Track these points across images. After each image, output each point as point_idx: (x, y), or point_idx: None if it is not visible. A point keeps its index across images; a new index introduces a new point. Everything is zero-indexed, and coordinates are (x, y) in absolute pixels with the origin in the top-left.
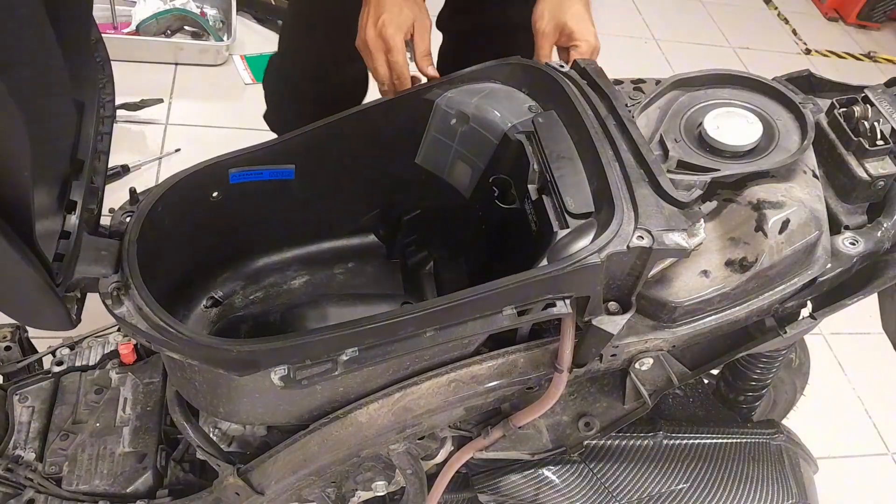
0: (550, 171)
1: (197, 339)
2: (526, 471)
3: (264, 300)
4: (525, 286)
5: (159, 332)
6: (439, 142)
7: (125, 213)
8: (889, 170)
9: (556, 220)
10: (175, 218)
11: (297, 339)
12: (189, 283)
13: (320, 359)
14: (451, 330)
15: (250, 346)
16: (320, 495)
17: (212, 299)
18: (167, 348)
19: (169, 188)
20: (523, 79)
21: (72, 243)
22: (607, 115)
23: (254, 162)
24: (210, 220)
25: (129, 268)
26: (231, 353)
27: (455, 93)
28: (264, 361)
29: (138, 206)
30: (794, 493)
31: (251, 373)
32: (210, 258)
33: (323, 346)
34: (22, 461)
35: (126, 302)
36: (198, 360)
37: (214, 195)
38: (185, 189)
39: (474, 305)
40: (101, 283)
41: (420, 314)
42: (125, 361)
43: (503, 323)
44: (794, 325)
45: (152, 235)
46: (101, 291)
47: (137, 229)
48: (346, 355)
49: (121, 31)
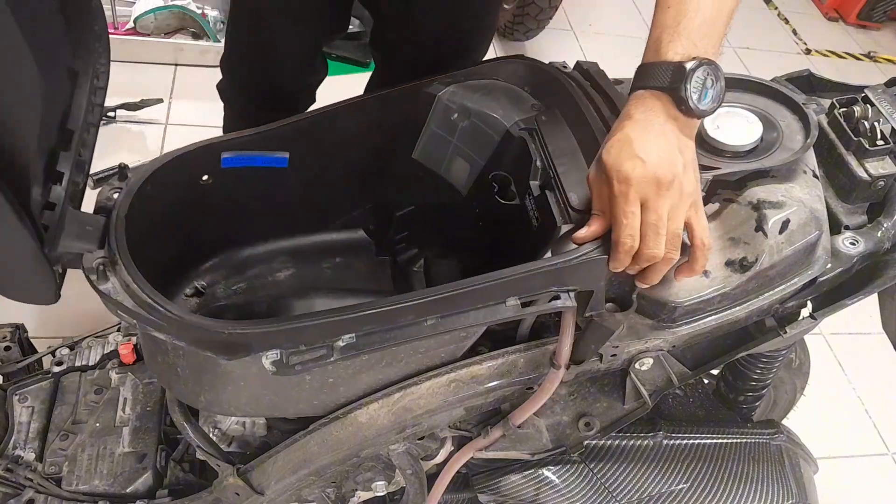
0: (554, 167)
1: (186, 319)
2: (526, 471)
3: (247, 291)
4: (530, 277)
5: (146, 310)
6: (439, 137)
7: (113, 189)
8: (889, 170)
9: (560, 215)
10: (163, 198)
11: (293, 322)
12: (171, 270)
13: (315, 344)
14: (452, 319)
15: (243, 327)
16: (320, 495)
17: (194, 289)
18: (154, 327)
19: (159, 167)
20: (526, 77)
21: (56, 215)
22: (610, 115)
23: (247, 147)
24: (198, 204)
25: (116, 243)
26: (222, 334)
27: (457, 88)
28: (256, 345)
29: (127, 183)
30: (794, 494)
31: (241, 356)
32: (194, 245)
33: (319, 331)
34: (22, 461)
35: (112, 278)
36: (185, 342)
37: (205, 178)
38: (176, 169)
39: (478, 294)
40: (85, 258)
41: (422, 301)
42: (125, 361)
43: (507, 313)
44: (794, 325)
45: (140, 213)
46: (86, 266)
47: (126, 205)
48: (343, 341)
49: (121, 30)
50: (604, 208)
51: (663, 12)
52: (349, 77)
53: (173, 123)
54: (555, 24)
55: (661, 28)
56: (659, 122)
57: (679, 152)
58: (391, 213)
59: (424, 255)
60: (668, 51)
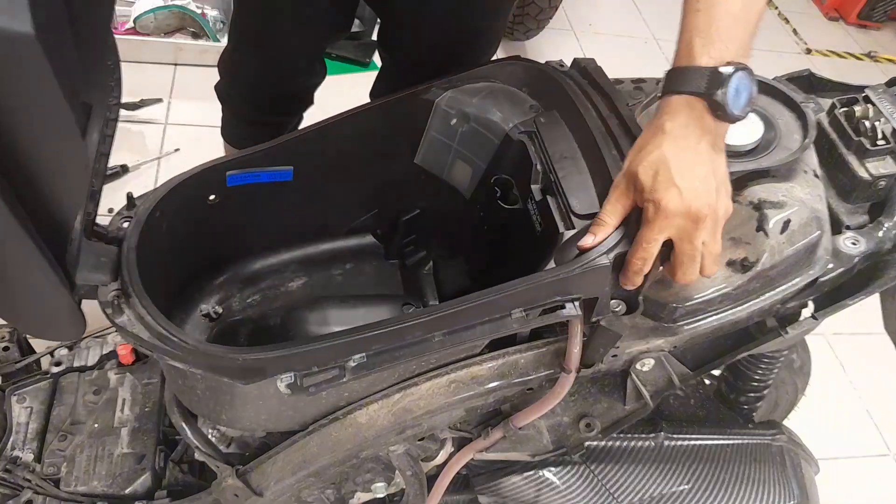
0: (554, 172)
1: (201, 348)
2: (526, 472)
3: (262, 303)
4: (534, 289)
5: (162, 340)
6: (439, 142)
7: (122, 219)
8: (890, 169)
9: (562, 221)
10: (172, 222)
11: (304, 346)
12: (186, 288)
13: (328, 365)
14: (459, 334)
15: (256, 354)
16: (319, 497)
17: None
18: (170, 357)
19: (166, 193)
20: (524, 78)
21: (74, 248)
22: (609, 114)
23: (252, 164)
24: (207, 224)
25: (129, 276)
26: (237, 361)
27: (455, 92)
28: (271, 369)
29: (136, 212)
30: (795, 495)
31: (257, 381)
32: (206, 262)
33: (330, 353)
34: (20, 462)
35: (127, 310)
36: (201, 370)
37: (212, 198)
38: (183, 193)
39: (483, 309)
40: (100, 290)
41: (428, 319)
42: (124, 362)
43: (513, 326)
44: (795, 325)
45: (150, 241)
46: (101, 300)
47: (136, 235)
48: (354, 361)
49: (120, 30)
50: (616, 219)
51: (693, 15)
52: (349, 77)
53: (173, 123)
54: (555, 24)
55: (692, 31)
56: (695, 137)
57: (713, 175)
58: (397, 217)
59: (432, 258)
60: (702, 55)
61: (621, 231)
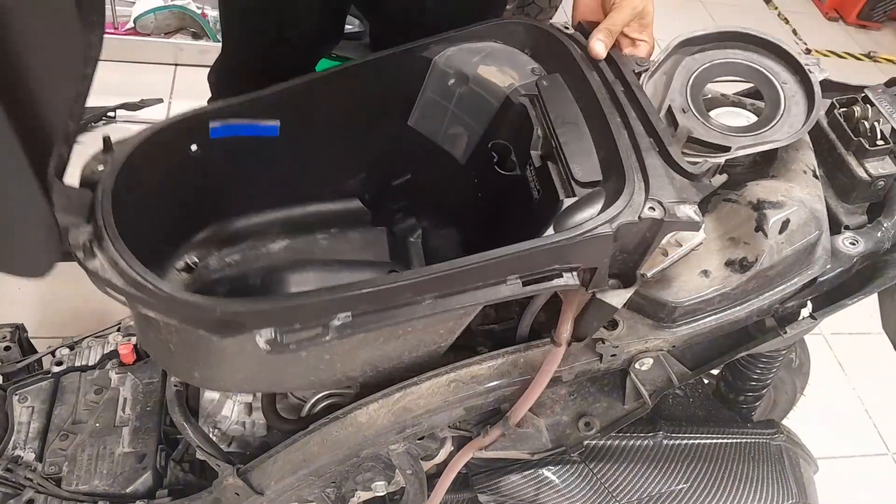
0: (556, 137)
1: (177, 297)
2: (526, 471)
3: (241, 263)
4: (532, 255)
5: (136, 288)
6: (435, 103)
7: (98, 163)
8: (889, 170)
9: (562, 188)
10: (150, 170)
11: (287, 300)
12: (162, 243)
13: (310, 322)
14: (450, 299)
15: (236, 305)
16: (320, 495)
17: (185, 264)
18: (144, 306)
19: (145, 138)
20: (526, 40)
21: None
22: (615, 80)
23: (236, 115)
24: (188, 176)
25: (103, 219)
26: (214, 312)
27: (454, 51)
28: (250, 323)
29: (113, 156)
30: (794, 494)
31: (235, 335)
32: (184, 217)
33: (314, 310)
34: (21, 461)
35: (99, 255)
36: (177, 320)
37: (193, 149)
38: (163, 141)
39: (477, 273)
40: (71, 233)
41: (419, 280)
42: (125, 361)
43: (506, 293)
44: (794, 325)
45: (127, 188)
46: (72, 243)
47: (112, 179)
48: (339, 320)
49: (121, 30)
50: None
51: None
52: None
53: None
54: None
55: None
56: None
57: None
58: (387, 182)
59: (422, 226)
60: None
61: (625, 200)
